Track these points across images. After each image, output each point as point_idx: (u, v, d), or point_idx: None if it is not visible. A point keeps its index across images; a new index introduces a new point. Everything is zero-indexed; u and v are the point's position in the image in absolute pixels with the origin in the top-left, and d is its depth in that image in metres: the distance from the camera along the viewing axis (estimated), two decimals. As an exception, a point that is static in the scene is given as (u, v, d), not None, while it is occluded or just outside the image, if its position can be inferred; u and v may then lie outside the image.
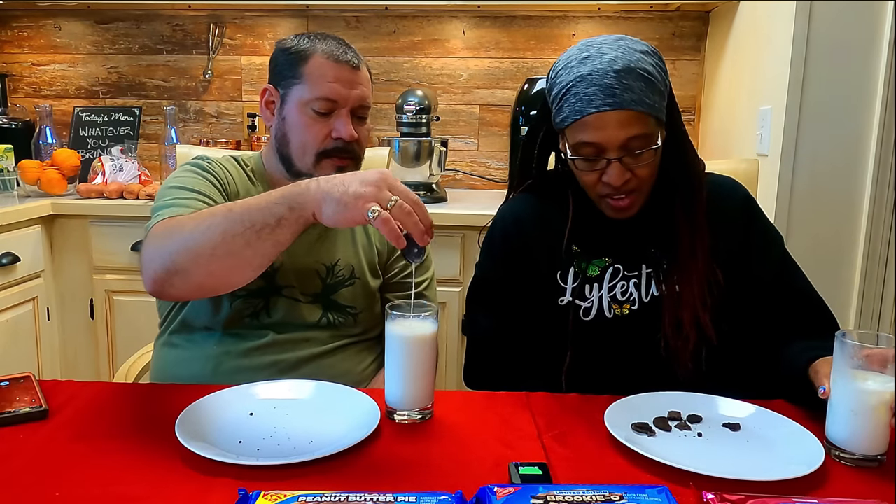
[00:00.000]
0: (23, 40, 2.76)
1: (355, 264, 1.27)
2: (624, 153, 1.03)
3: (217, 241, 0.93)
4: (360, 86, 1.21)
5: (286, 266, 1.21)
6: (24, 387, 0.99)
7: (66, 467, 0.79)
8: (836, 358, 0.85)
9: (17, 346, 2.07)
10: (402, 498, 0.69)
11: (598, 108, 1.01)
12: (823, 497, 0.74)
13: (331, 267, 1.25)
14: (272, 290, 1.21)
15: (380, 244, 1.32)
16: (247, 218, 0.92)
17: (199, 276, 0.97)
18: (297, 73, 1.19)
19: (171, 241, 0.97)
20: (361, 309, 1.27)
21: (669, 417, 0.93)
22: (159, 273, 0.97)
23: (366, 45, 2.67)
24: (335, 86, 1.18)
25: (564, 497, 0.69)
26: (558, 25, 2.63)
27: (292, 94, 1.20)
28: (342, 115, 1.19)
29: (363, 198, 0.87)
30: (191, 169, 1.20)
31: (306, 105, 1.19)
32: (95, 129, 2.62)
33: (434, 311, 0.94)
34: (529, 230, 1.17)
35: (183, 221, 0.99)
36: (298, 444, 0.85)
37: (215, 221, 0.94)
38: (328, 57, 1.19)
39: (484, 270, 1.21)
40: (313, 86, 1.18)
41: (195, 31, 2.70)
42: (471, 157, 2.73)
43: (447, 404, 0.97)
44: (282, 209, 0.91)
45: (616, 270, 1.13)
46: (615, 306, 1.13)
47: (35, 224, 2.14)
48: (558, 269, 1.15)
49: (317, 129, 1.19)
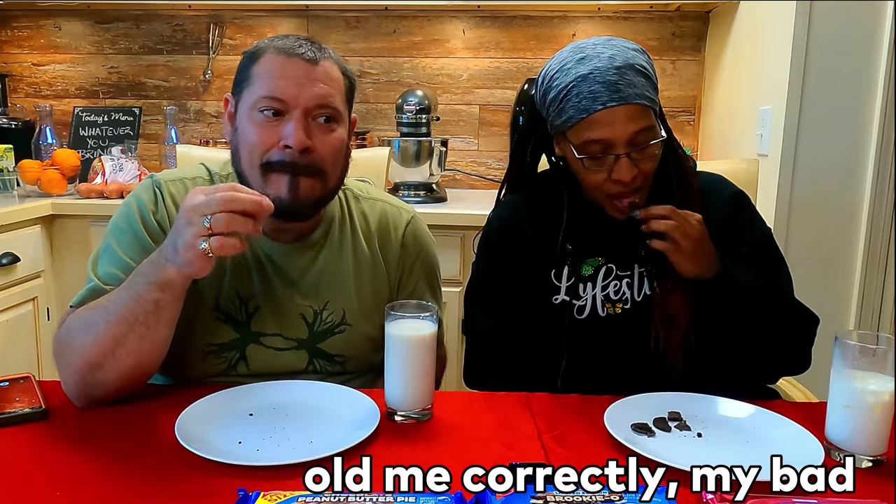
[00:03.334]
0: (23, 40, 2.76)
1: (347, 308, 1.11)
2: (631, 148, 1.04)
3: (110, 345, 0.91)
4: (318, 83, 1.00)
5: (263, 310, 1.07)
6: (23, 387, 0.99)
7: (66, 467, 0.79)
8: (836, 358, 0.85)
9: (17, 346, 2.07)
10: (402, 498, 0.69)
11: (604, 105, 1.01)
12: (823, 497, 0.74)
13: (318, 311, 1.10)
14: (248, 339, 1.07)
15: (381, 282, 1.16)
16: (128, 316, 0.90)
17: (114, 382, 0.93)
18: (248, 75, 1.02)
19: (67, 357, 0.94)
20: (351, 356, 1.13)
21: (669, 418, 0.93)
22: (78, 390, 0.94)
23: (366, 45, 2.67)
24: (281, 82, 0.99)
25: (564, 497, 0.69)
26: (558, 25, 2.63)
27: (243, 99, 1.03)
28: (293, 119, 0.99)
29: (187, 245, 0.85)
30: (131, 214, 1.07)
31: (252, 109, 1.01)
32: (95, 129, 2.62)
33: (434, 311, 0.94)
34: (525, 230, 1.17)
35: (71, 330, 0.95)
36: (298, 444, 0.85)
37: (99, 323, 0.91)
38: (278, 52, 1.01)
39: (481, 270, 1.21)
40: (259, 86, 1.00)
41: (195, 31, 2.70)
42: (471, 157, 2.73)
43: (447, 404, 0.97)
44: (153, 294, 0.89)
45: (609, 270, 1.14)
46: (608, 305, 1.13)
47: (35, 224, 2.13)
48: (552, 269, 1.15)
49: (263, 136, 1.00)
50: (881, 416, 0.83)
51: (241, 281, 1.07)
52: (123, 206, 1.10)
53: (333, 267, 1.12)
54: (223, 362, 1.07)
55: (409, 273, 1.19)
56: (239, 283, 1.07)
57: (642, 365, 1.11)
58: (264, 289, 1.08)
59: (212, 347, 1.06)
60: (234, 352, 1.07)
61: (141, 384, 0.98)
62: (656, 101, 1.07)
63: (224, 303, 1.06)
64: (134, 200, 1.09)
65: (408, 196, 2.32)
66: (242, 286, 1.07)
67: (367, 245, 1.15)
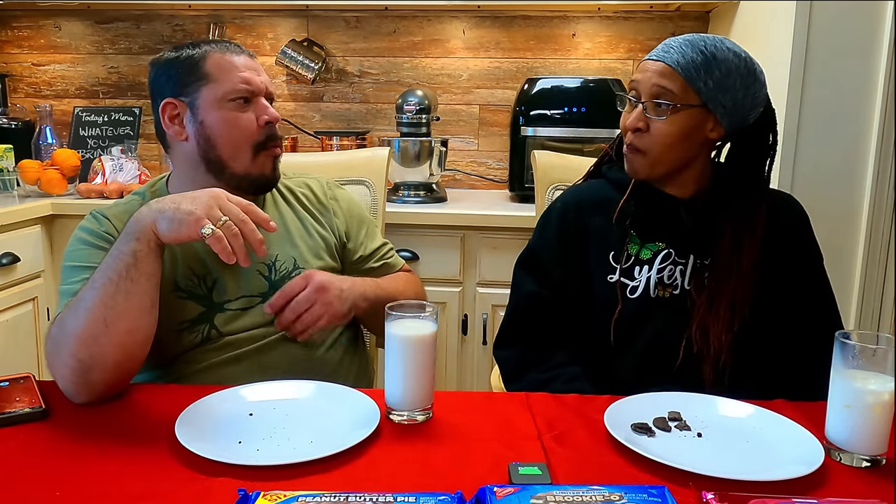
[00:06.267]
0: (23, 40, 2.76)
1: (296, 255, 1.23)
2: (650, 101, 1.12)
3: (101, 312, 0.94)
4: (263, 72, 1.21)
5: (222, 281, 1.17)
6: (23, 387, 0.99)
7: (66, 467, 0.79)
8: (836, 358, 0.85)
9: (17, 346, 2.07)
10: (402, 498, 0.69)
11: (649, 57, 1.15)
12: (823, 497, 0.74)
13: (271, 264, 1.21)
14: (214, 310, 1.16)
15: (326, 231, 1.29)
16: (110, 274, 0.96)
17: (111, 355, 0.95)
18: (200, 75, 1.15)
19: (61, 346, 0.96)
20: None
21: (669, 418, 0.93)
22: (75, 379, 0.95)
23: (366, 45, 2.67)
24: (245, 73, 1.16)
25: (564, 497, 0.69)
26: (558, 25, 2.63)
27: (202, 96, 1.15)
28: (261, 101, 1.18)
29: (193, 215, 0.96)
30: (80, 237, 1.14)
31: (222, 101, 1.15)
32: (95, 129, 2.62)
33: (434, 311, 0.94)
34: (587, 213, 1.23)
35: (62, 319, 0.98)
36: (298, 444, 0.85)
37: (87, 298, 0.96)
38: (224, 51, 1.17)
39: (535, 243, 1.27)
40: (224, 80, 1.15)
41: (195, 31, 2.70)
42: (471, 157, 2.73)
43: (447, 404, 0.97)
44: (130, 245, 0.97)
45: (668, 255, 1.18)
46: (660, 289, 1.18)
47: (35, 224, 2.14)
48: (611, 251, 1.20)
49: (245, 121, 1.16)
50: (881, 415, 0.83)
51: (194, 261, 1.17)
52: (71, 240, 1.16)
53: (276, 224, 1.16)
54: (197, 335, 1.15)
55: (349, 217, 1.34)
56: (192, 262, 1.17)
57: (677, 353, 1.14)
58: (216, 262, 1.14)
59: (183, 325, 1.15)
60: (204, 324, 1.16)
61: (137, 360, 1.00)
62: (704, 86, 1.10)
63: (183, 283, 1.16)
64: (78, 230, 1.17)
65: (408, 196, 2.32)
66: (196, 264, 1.17)
67: (301, 207, 1.30)
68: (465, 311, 2.16)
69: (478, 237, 2.12)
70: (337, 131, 2.63)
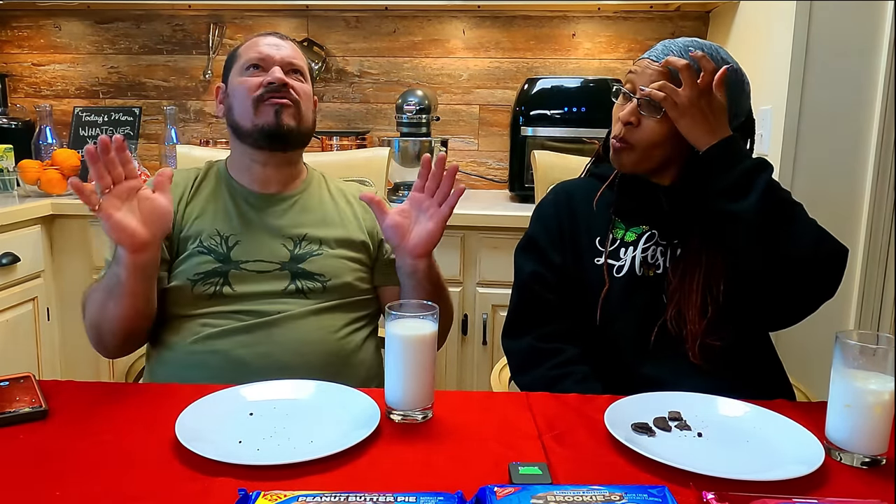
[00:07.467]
0: (23, 40, 2.76)
1: (323, 238, 1.29)
2: (645, 99, 1.14)
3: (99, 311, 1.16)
4: (287, 49, 1.31)
5: (243, 243, 1.25)
6: (24, 387, 0.99)
7: (66, 467, 0.79)
8: (836, 358, 0.85)
9: (17, 346, 2.08)
10: (402, 498, 0.69)
11: (649, 56, 1.18)
12: (823, 497, 0.74)
13: (298, 241, 1.28)
14: (229, 266, 1.23)
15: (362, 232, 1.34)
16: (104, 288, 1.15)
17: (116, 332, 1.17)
18: (234, 58, 1.33)
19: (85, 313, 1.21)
20: (331, 277, 1.27)
21: (670, 417, 0.93)
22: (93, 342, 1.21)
23: (366, 45, 2.67)
24: (262, 48, 1.29)
25: (564, 497, 0.69)
26: (558, 25, 2.63)
27: (232, 74, 1.31)
28: (276, 69, 1.27)
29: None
30: None
31: (240, 72, 1.29)
32: (95, 130, 2.62)
33: (434, 311, 0.94)
34: (576, 202, 1.29)
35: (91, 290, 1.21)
36: (298, 444, 0.85)
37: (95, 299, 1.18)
38: (256, 36, 1.34)
39: (532, 231, 1.32)
40: (244, 56, 1.30)
41: (195, 31, 2.70)
42: (471, 157, 2.73)
43: (447, 404, 0.97)
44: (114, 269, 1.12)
45: (651, 236, 1.22)
46: (645, 268, 1.21)
47: (35, 224, 2.14)
48: (598, 236, 1.24)
49: (251, 83, 1.27)
50: (881, 415, 0.83)
51: (223, 223, 1.28)
52: None
53: (312, 206, 1.33)
54: (209, 287, 1.22)
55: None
56: (220, 224, 1.27)
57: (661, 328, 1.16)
58: (244, 228, 1.27)
59: (198, 276, 1.22)
60: (217, 277, 1.23)
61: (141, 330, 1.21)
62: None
63: (206, 240, 1.25)
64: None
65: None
66: (223, 226, 1.27)
67: (345, 203, 1.37)
68: (465, 311, 2.16)
69: (478, 237, 2.12)
70: (337, 131, 2.63)
